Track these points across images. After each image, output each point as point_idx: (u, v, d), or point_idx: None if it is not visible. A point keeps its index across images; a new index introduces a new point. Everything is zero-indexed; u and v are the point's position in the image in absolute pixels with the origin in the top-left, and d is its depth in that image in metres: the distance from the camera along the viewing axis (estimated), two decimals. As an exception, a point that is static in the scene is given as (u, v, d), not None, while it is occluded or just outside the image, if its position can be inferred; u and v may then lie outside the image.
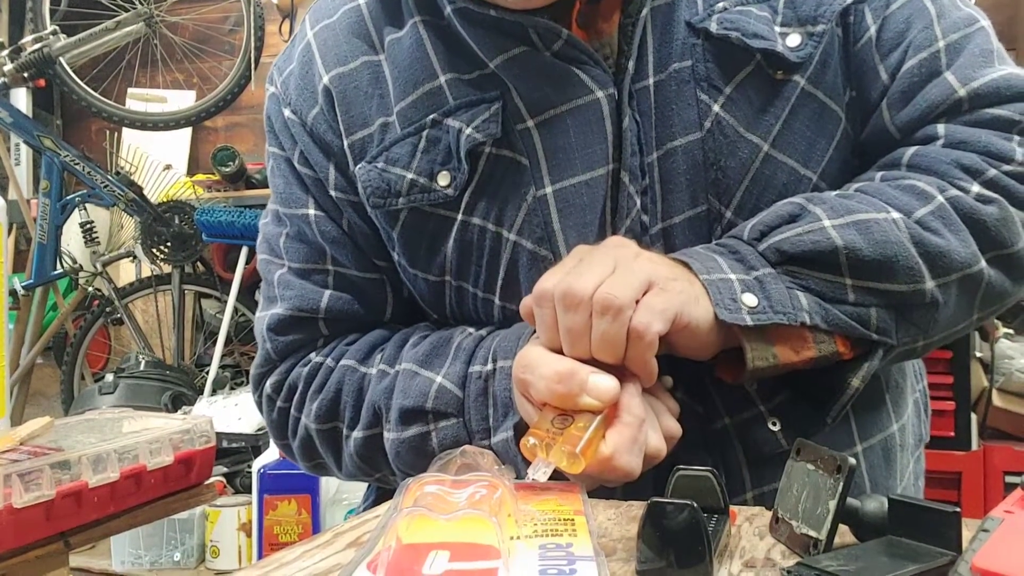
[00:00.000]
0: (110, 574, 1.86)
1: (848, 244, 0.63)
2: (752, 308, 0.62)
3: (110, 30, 2.98)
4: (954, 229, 0.65)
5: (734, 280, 0.63)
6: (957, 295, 0.66)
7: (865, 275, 0.63)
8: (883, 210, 0.65)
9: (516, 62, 0.71)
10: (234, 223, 2.79)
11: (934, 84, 0.70)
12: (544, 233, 0.71)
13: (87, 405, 2.46)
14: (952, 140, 0.69)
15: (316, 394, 0.77)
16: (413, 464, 0.72)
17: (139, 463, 0.74)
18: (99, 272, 3.08)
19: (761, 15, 0.70)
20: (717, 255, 0.65)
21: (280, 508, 1.69)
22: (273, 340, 0.80)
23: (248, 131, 3.78)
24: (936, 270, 0.64)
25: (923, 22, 0.72)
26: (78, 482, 0.68)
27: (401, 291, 0.81)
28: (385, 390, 0.73)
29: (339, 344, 0.79)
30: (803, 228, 0.64)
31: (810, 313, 0.63)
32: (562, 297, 0.59)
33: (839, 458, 0.48)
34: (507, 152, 0.71)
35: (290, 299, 0.79)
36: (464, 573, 0.42)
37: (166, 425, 0.82)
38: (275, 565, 0.48)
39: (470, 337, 0.73)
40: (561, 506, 0.55)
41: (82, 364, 3.18)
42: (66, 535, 0.69)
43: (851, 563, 0.44)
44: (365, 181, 0.75)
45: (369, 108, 0.75)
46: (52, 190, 2.96)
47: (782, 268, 0.64)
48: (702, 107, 0.69)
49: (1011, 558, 0.37)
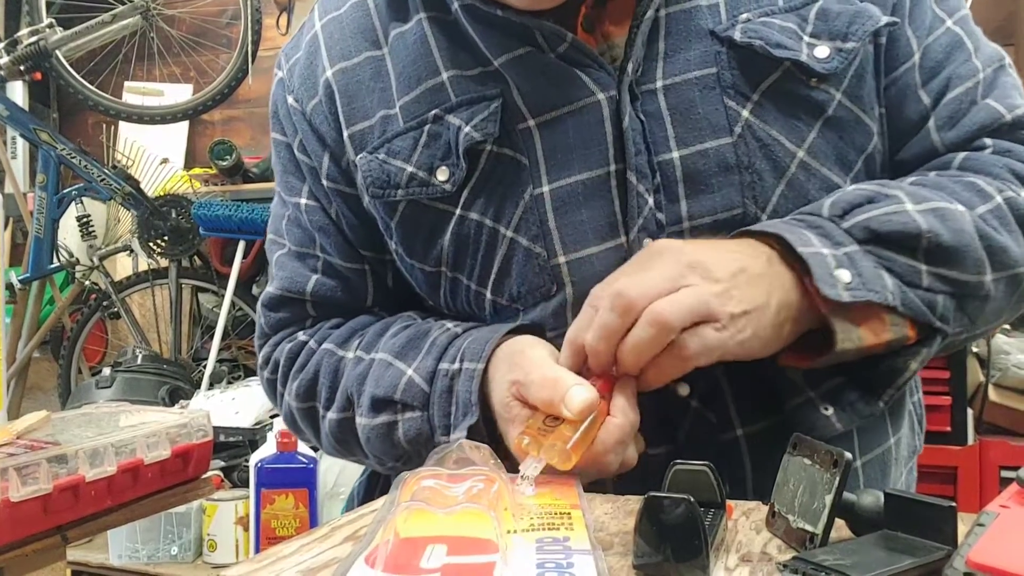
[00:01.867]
0: (107, 568, 1.86)
1: (931, 228, 0.64)
2: (847, 284, 0.62)
3: (106, 23, 2.97)
4: (1010, 229, 0.68)
5: (827, 254, 0.63)
6: (1004, 291, 0.68)
7: (939, 262, 0.65)
8: (952, 201, 0.67)
9: (520, 62, 0.72)
10: (231, 217, 2.78)
11: (980, 108, 0.74)
12: (540, 231, 0.72)
13: (84, 399, 2.46)
14: (999, 150, 0.73)
15: (297, 373, 0.81)
16: (382, 450, 0.74)
17: (136, 457, 0.74)
18: (96, 266, 3.07)
19: (786, 26, 0.71)
20: (804, 229, 0.65)
21: (277, 502, 1.69)
22: (266, 315, 0.86)
23: (245, 125, 3.78)
24: (996, 265, 0.67)
25: (963, 55, 0.76)
26: (75, 476, 0.68)
27: (385, 281, 0.84)
28: (359, 376, 0.75)
29: (324, 326, 0.83)
30: (889, 209, 0.65)
31: (894, 294, 0.63)
32: (615, 295, 0.60)
33: (835, 453, 0.48)
34: (507, 151, 0.73)
35: (282, 279, 0.84)
36: (461, 567, 0.42)
37: (163, 419, 0.82)
38: (272, 559, 0.48)
39: (446, 333, 0.74)
40: (557, 500, 0.55)
41: (79, 358, 3.17)
42: (63, 529, 0.69)
43: (847, 557, 0.44)
44: (366, 171, 0.76)
45: (371, 101, 0.77)
46: (48, 184, 2.95)
47: (868, 247, 0.64)
48: (731, 113, 0.70)
49: (1006, 552, 0.37)
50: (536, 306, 0.73)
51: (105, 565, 1.86)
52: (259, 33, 3.16)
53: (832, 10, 0.72)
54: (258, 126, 3.75)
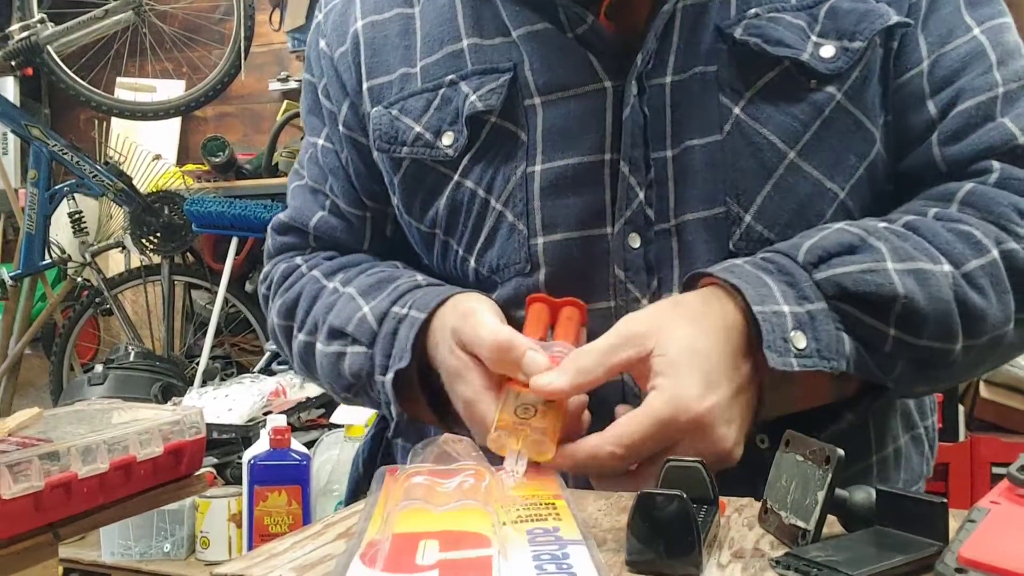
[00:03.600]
0: (99, 565, 1.85)
1: (908, 294, 0.60)
2: (800, 351, 0.59)
3: (98, 19, 2.95)
4: (999, 289, 0.64)
5: (787, 314, 0.60)
6: (978, 355, 0.65)
7: (909, 329, 0.61)
8: (937, 260, 0.63)
9: (537, 37, 0.73)
10: (224, 213, 2.77)
11: (992, 127, 0.69)
12: (525, 208, 0.73)
13: (76, 396, 2.45)
14: (1006, 177, 0.68)
15: (284, 292, 0.85)
16: (331, 377, 0.78)
17: (129, 454, 0.74)
18: (88, 262, 3.06)
19: (794, 23, 0.70)
20: (768, 277, 0.62)
21: (270, 499, 1.69)
22: (273, 238, 0.92)
23: (238, 121, 3.77)
24: (969, 332, 0.63)
25: (982, 66, 0.70)
26: (67, 473, 0.68)
27: (384, 231, 0.87)
28: (327, 306, 0.79)
29: (319, 256, 0.87)
30: (867, 266, 0.61)
31: (849, 360, 0.61)
32: (684, 422, 0.57)
33: (828, 449, 0.48)
34: (509, 125, 0.74)
35: (292, 208, 0.90)
36: (458, 562, 0.42)
37: (156, 416, 0.81)
38: (265, 556, 0.48)
39: (410, 281, 0.76)
40: (539, 491, 0.55)
41: (71, 355, 3.16)
42: (55, 526, 0.68)
43: (839, 553, 0.44)
44: (376, 124, 0.79)
45: (394, 57, 0.79)
46: (40, 179, 2.94)
47: (835, 304, 0.61)
48: (723, 110, 0.69)
49: (997, 548, 0.37)
50: (512, 280, 0.74)
51: (97, 562, 1.86)
52: (252, 29, 3.15)
53: (842, 8, 0.70)
54: (251, 122, 3.74)
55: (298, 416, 2.20)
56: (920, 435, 0.82)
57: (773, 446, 0.67)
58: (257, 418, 2.14)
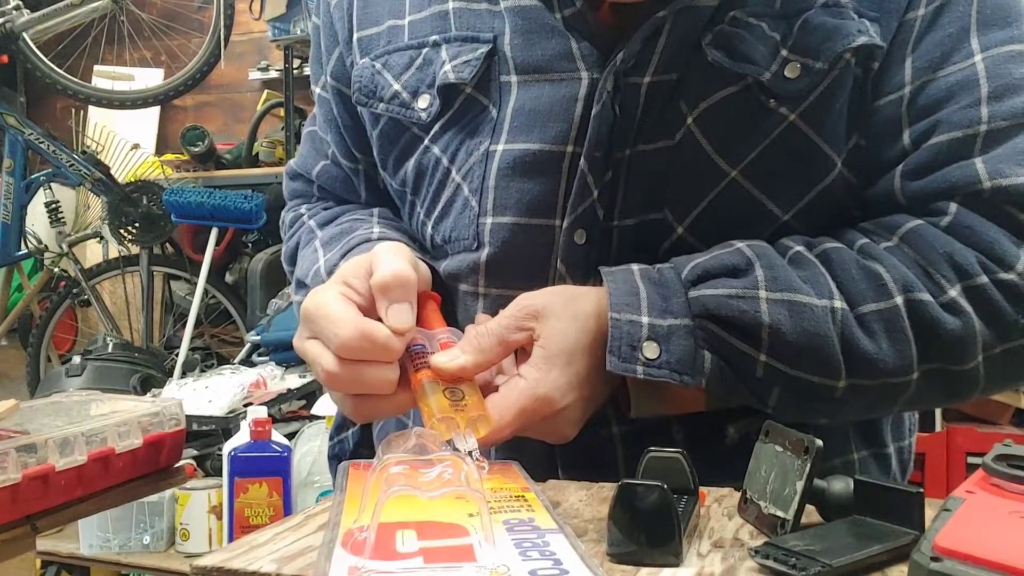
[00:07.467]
0: (78, 557, 1.84)
1: (774, 323, 0.61)
2: (649, 360, 0.61)
3: (75, 5, 2.92)
4: (894, 337, 0.62)
5: (644, 324, 0.62)
6: (874, 398, 0.64)
7: (781, 357, 0.62)
8: (827, 295, 0.62)
9: (523, 11, 0.71)
10: (203, 204, 2.75)
11: (959, 166, 0.64)
12: (480, 186, 0.72)
13: (54, 388, 2.43)
14: (958, 222, 0.64)
15: (289, 239, 0.89)
16: None
17: (107, 446, 0.74)
18: (65, 253, 3.03)
19: (769, 36, 0.67)
20: (646, 286, 0.64)
21: (251, 491, 1.68)
22: (286, 183, 0.96)
23: (218, 110, 3.73)
24: (855, 373, 0.62)
25: (968, 99, 0.65)
26: (45, 465, 0.67)
27: (376, 184, 0.87)
28: (304, 257, 0.82)
29: (320, 205, 0.90)
30: (738, 291, 0.62)
31: (709, 378, 0.62)
32: (542, 415, 0.62)
33: (806, 440, 0.49)
34: (483, 98, 0.73)
35: (301, 156, 0.93)
36: (440, 549, 0.42)
37: (135, 408, 0.81)
38: (246, 548, 0.48)
39: (364, 233, 0.78)
40: (505, 484, 0.56)
41: (48, 346, 3.13)
42: (33, 518, 0.68)
43: (817, 542, 0.44)
44: (357, 76, 0.79)
45: (383, 8, 0.79)
46: (16, 169, 2.91)
47: (701, 323, 0.62)
48: (678, 118, 0.68)
49: (972, 537, 0.38)
50: (459, 255, 0.74)
51: (75, 555, 1.85)
52: (231, 18, 3.13)
53: (813, 23, 0.67)
54: (230, 112, 3.71)
55: (279, 407, 2.19)
56: (887, 455, 0.79)
57: (687, 440, 0.69)
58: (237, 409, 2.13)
